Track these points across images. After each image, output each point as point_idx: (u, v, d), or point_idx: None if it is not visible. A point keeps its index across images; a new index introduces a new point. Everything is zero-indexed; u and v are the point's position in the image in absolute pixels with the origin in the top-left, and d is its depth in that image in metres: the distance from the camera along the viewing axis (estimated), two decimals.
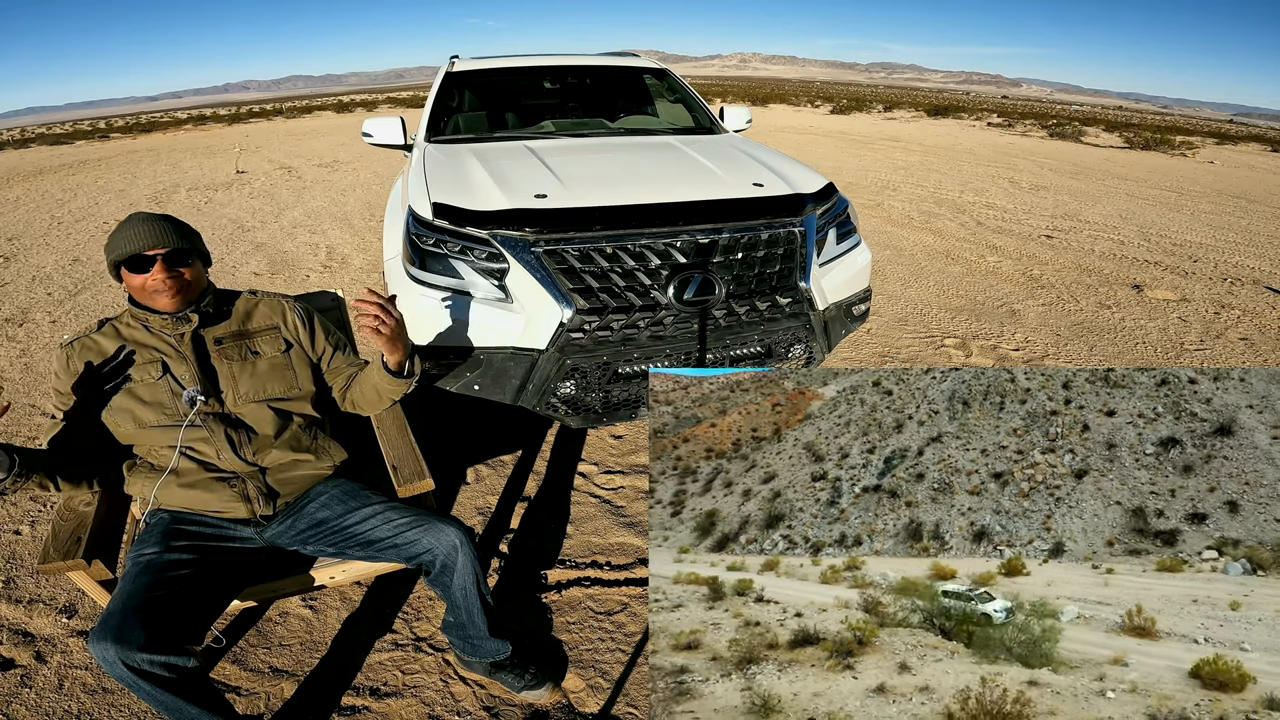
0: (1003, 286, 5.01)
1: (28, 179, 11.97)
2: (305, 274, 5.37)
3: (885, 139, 17.20)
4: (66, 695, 1.70)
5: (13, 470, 1.25)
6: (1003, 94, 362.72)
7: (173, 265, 1.45)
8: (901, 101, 42.51)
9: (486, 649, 1.61)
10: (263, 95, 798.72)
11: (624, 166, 2.75)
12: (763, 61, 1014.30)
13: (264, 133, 22.05)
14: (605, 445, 2.85)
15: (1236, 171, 13.08)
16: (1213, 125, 43.38)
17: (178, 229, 1.47)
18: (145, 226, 1.42)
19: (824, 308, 2.42)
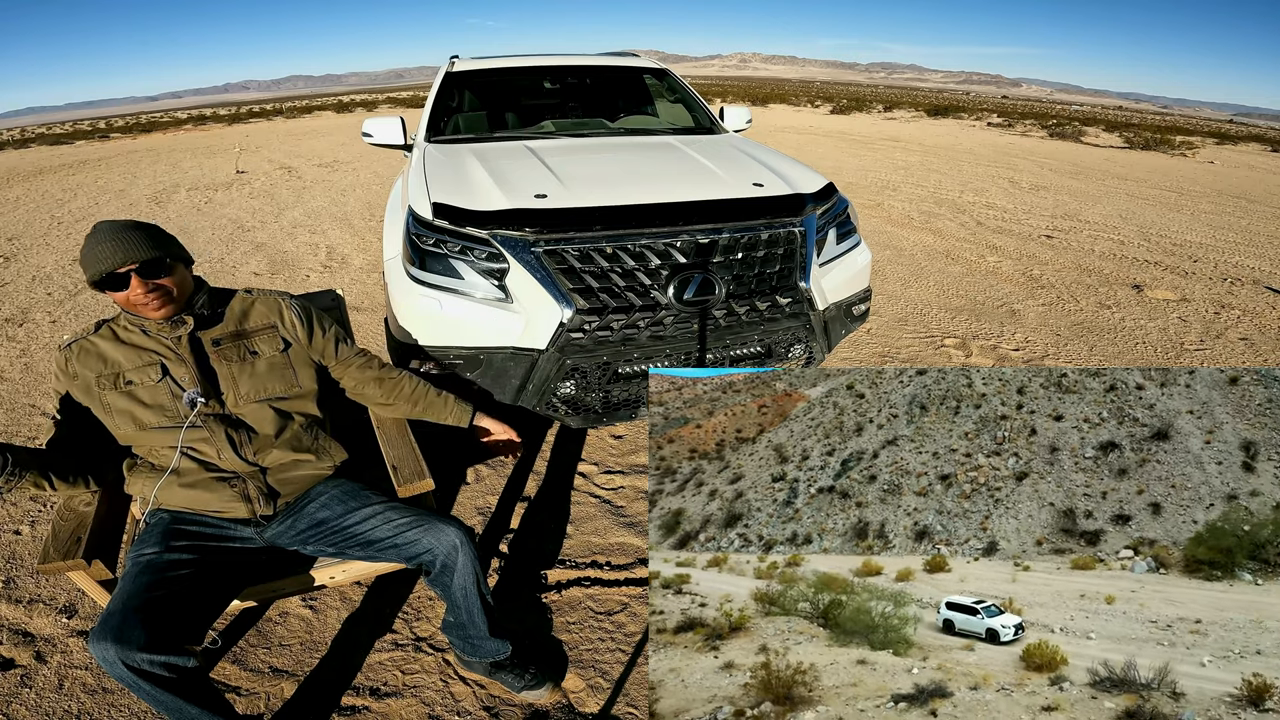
0: (1003, 286, 5.01)
1: (28, 179, 11.97)
2: (305, 274, 5.37)
3: (885, 139, 17.20)
4: (66, 695, 1.70)
5: (4, 470, 1.24)
6: (1003, 94, 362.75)
7: (149, 277, 1.38)
8: (901, 101, 42.51)
9: (486, 649, 1.61)
10: (263, 95, 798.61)
11: (624, 166, 2.75)
12: (763, 61, 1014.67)
13: (264, 133, 22.05)
14: (605, 445, 2.85)
15: (1236, 171, 13.08)
16: (1213, 125, 43.38)
17: (149, 237, 1.38)
18: (112, 243, 1.34)
19: (824, 308, 2.42)
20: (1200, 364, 3.70)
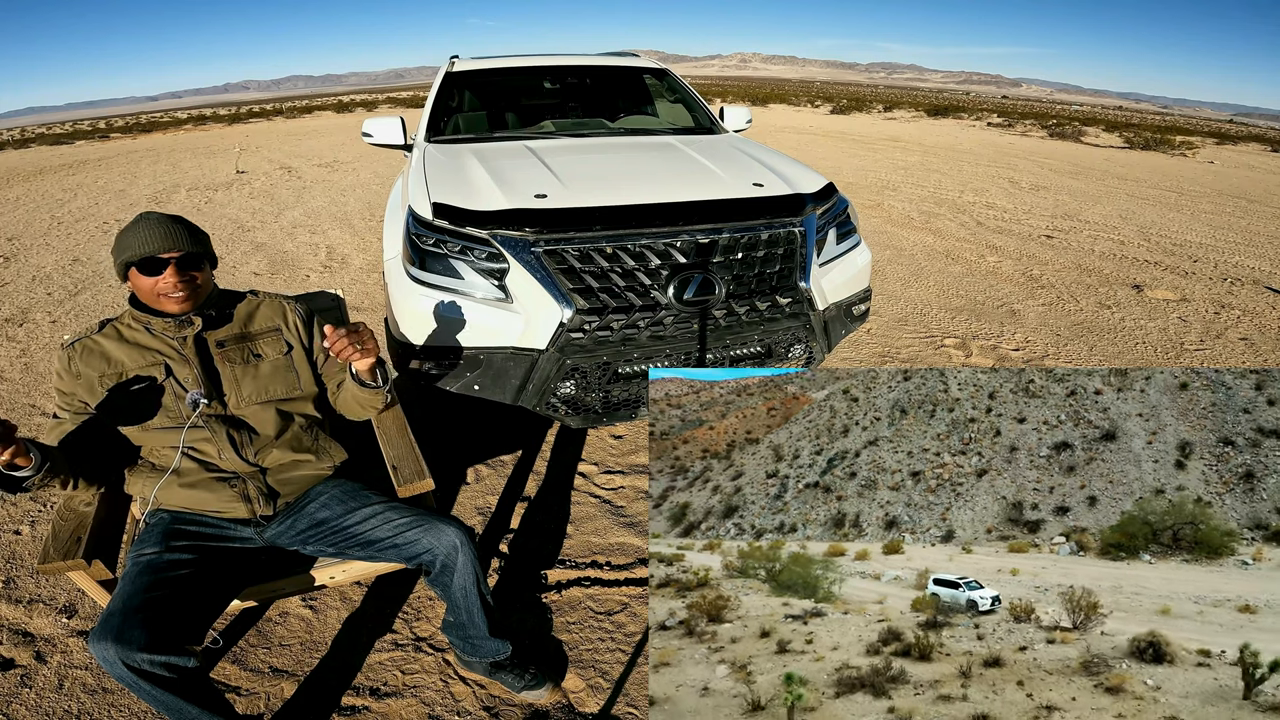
0: (1003, 286, 5.01)
1: (28, 179, 11.97)
2: (305, 274, 5.37)
3: (885, 139, 17.20)
4: (66, 695, 1.70)
5: (43, 468, 1.27)
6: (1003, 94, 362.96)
7: (185, 269, 1.44)
8: (901, 101, 42.51)
9: (486, 649, 1.61)
10: (262, 95, 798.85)
11: (624, 166, 2.75)
12: (762, 61, 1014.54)
13: (264, 133, 22.06)
14: (605, 445, 2.85)
15: (1236, 171, 13.09)
16: (1213, 125, 43.38)
17: (191, 232, 1.46)
18: (160, 229, 1.41)
19: (824, 308, 2.42)
20: (1200, 364, 3.70)
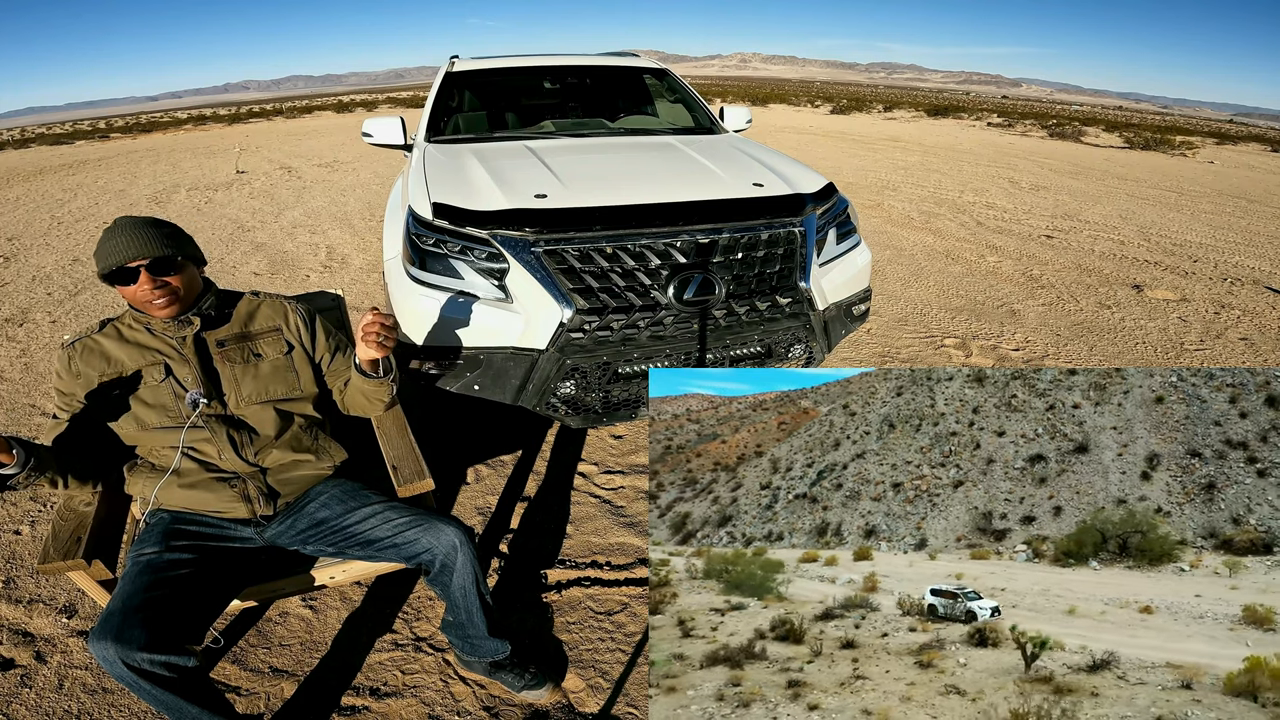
0: (1003, 286, 5.01)
1: (28, 179, 11.97)
2: (305, 274, 5.37)
3: (885, 139, 17.20)
4: (66, 695, 1.70)
5: (28, 465, 1.25)
6: (1003, 94, 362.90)
7: (159, 274, 1.40)
8: (901, 101, 42.51)
9: (486, 649, 1.61)
10: (262, 95, 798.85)
11: (624, 166, 2.75)
12: (762, 61, 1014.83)
13: (264, 133, 22.05)
14: (605, 445, 2.85)
15: (1236, 171, 13.09)
16: (1213, 125, 43.39)
17: (164, 235, 1.41)
18: (127, 236, 1.36)
19: (824, 308, 2.42)
20: (1200, 364, 3.70)
